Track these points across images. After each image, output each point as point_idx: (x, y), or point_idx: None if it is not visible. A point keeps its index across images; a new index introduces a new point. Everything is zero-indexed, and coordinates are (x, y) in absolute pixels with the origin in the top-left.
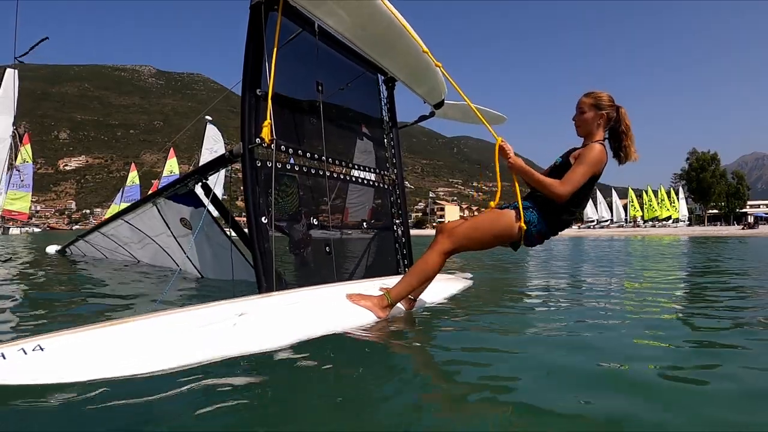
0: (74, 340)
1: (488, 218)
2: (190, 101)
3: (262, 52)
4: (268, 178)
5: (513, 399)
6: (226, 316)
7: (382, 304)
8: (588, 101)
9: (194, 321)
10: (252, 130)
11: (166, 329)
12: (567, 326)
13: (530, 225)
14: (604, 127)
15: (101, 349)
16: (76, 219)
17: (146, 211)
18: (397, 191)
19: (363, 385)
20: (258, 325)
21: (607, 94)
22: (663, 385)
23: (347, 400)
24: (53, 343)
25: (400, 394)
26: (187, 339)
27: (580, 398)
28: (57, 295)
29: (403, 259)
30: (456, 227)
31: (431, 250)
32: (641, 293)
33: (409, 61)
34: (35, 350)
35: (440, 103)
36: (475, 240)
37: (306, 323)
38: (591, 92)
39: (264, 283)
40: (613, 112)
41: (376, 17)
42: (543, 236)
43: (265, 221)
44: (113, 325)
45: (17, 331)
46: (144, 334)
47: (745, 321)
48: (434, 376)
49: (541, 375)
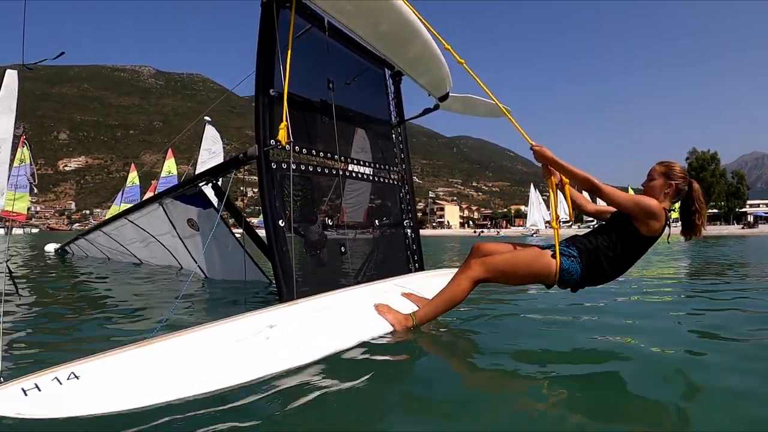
0: (110, 365)
1: (529, 257)
2: (190, 102)
3: (275, 52)
4: (284, 179)
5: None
6: (259, 329)
7: (407, 324)
8: (659, 169)
9: (229, 335)
10: (267, 132)
11: (201, 346)
12: (571, 328)
13: (566, 273)
14: (672, 197)
15: (138, 372)
16: (75, 219)
17: (152, 211)
18: (405, 187)
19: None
20: (289, 337)
21: (680, 166)
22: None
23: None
24: (88, 369)
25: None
26: (226, 356)
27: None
28: (64, 302)
29: (413, 256)
30: (493, 258)
31: (462, 274)
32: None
33: (417, 54)
34: (70, 379)
35: (445, 96)
36: (509, 276)
37: (335, 333)
38: (664, 161)
39: (285, 289)
40: (683, 185)
41: (388, 11)
42: (577, 285)
43: (282, 224)
44: (147, 345)
45: (30, 351)
46: (180, 353)
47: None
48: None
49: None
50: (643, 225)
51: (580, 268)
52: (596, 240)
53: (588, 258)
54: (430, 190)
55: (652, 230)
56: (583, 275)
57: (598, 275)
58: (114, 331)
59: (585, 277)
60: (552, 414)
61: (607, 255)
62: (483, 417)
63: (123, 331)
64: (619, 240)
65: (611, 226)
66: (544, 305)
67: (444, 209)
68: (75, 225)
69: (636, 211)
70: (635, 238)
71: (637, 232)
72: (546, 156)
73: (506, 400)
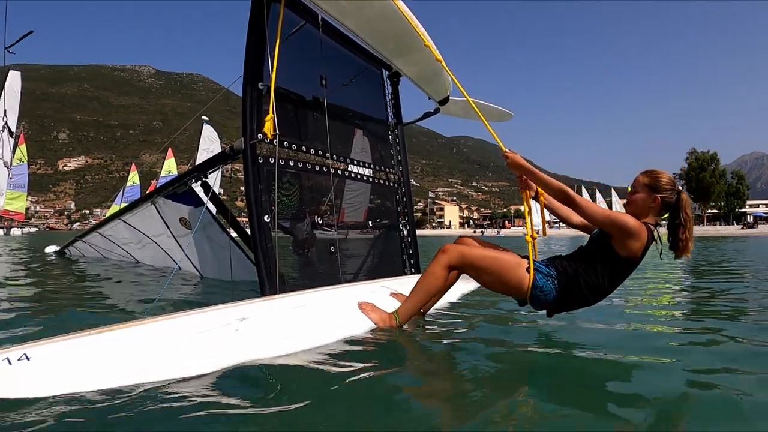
0: (63, 349)
1: (505, 263)
2: (190, 101)
3: (264, 45)
4: (270, 175)
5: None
6: (228, 321)
7: (391, 323)
8: (643, 180)
9: (193, 327)
10: (254, 126)
11: (161, 336)
12: (569, 331)
13: (539, 291)
14: (658, 212)
15: (91, 358)
16: (75, 219)
17: (144, 210)
18: (402, 189)
19: (372, 398)
20: (261, 330)
21: (668, 176)
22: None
23: (356, 416)
24: (40, 351)
25: (409, 410)
26: (185, 347)
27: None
28: (50, 297)
29: (409, 259)
30: (470, 250)
31: (436, 260)
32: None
33: (415, 55)
34: (21, 360)
35: (445, 99)
36: (479, 273)
37: (312, 329)
38: (649, 171)
39: (267, 285)
40: (671, 197)
41: (383, 10)
42: (551, 308)
43: (267, 220)
44: (104, 332)
45: (3, 338)
46: (137, 341)
47: None
48: (447, 386)
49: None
50: (620, 245)
51: (555, 290)
52: (576, 264)
53: (566, 281)
54: (430, 190)
55: (631, 251)
56: (558, 298)
57: (576, 300)
58: (84, 323)
59: (560, 301)
60: (540, 416)
61: (586, 281)
62: (467, 417)
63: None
64: (598, 264)
65: (590, 247)
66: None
67: (444, 209)
68: (75, 225)
69: (611, 228)
70: (614, 262)
71: (615, 254)
72: (519, 164)
73: (492, 401)
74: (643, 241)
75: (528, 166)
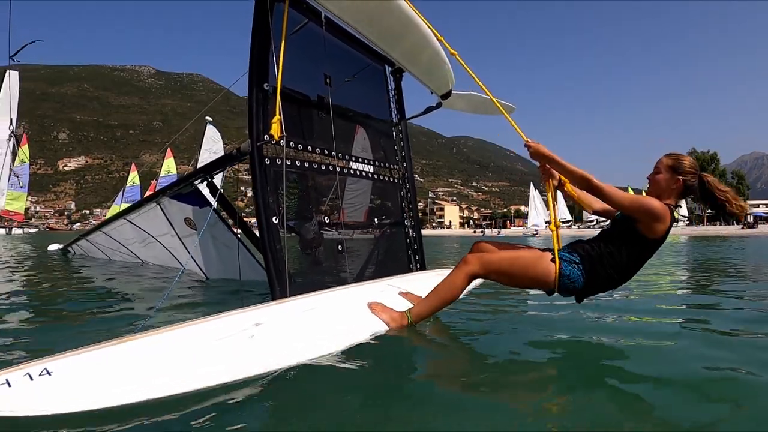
0: (84, 362)
1: (528, 259)
2: (190, 101)
3: (269, 46)
4: (277, 176)
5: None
6: (243, 327)
7: (402, 322)
8: (667, 162)
9: (210, 334)
10: (260, 127)
11: (181, 344)
12: (571, 331)
13: (566, 279)
14: (678, 194)
15: (113, 370)
16: (75, 219)
17: (149, 210)
18: (407, 185)
19: (388, 403)
20: (276, 335)
21: (691, 160)
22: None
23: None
24: (61, 366)
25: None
26: (205, 355)
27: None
28: (57, 301)
29: (414, 255)
30: (491, 255)
31: (458, 270)
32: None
33: (418, 50)
34: (42, 375)
35: (447, 93)
36: (506, 276)
37: (325, 332)
38: (673, 153)
39: (277, 287)
40: (693, 180)
41: (386, 5)
42: (580, 294)
43: (275, 221)
44: (124, 343)
45: (16, 348)
46: (158, 350)
47: None
48: (464, 388)
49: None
50: (646, 228)
51: (581, 275)
52: (599, 246)
53: (590, 265)
54: (430, 190)
55: (657, 233)
56: (586, 283)
57: (603, 282)
58: (96, 328)
59: (588, 285)
60: (551, 415)
61: (611, 262)
62: (480, 418)
63: (103, 329)
64: (623, 246)
65: (614, 230)
66: (546, 303)
67: (444, 209)
68: (75, 225)
69: (637, 213)
70: (639, 243)
71: (640, 236)
72: (542, 153)
73: (504, 401)
74: (667, 223)
75: (551, 154)
